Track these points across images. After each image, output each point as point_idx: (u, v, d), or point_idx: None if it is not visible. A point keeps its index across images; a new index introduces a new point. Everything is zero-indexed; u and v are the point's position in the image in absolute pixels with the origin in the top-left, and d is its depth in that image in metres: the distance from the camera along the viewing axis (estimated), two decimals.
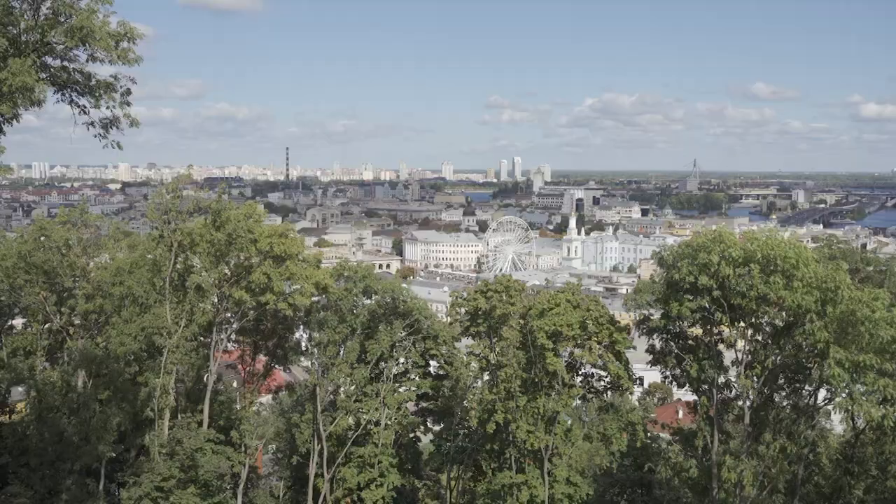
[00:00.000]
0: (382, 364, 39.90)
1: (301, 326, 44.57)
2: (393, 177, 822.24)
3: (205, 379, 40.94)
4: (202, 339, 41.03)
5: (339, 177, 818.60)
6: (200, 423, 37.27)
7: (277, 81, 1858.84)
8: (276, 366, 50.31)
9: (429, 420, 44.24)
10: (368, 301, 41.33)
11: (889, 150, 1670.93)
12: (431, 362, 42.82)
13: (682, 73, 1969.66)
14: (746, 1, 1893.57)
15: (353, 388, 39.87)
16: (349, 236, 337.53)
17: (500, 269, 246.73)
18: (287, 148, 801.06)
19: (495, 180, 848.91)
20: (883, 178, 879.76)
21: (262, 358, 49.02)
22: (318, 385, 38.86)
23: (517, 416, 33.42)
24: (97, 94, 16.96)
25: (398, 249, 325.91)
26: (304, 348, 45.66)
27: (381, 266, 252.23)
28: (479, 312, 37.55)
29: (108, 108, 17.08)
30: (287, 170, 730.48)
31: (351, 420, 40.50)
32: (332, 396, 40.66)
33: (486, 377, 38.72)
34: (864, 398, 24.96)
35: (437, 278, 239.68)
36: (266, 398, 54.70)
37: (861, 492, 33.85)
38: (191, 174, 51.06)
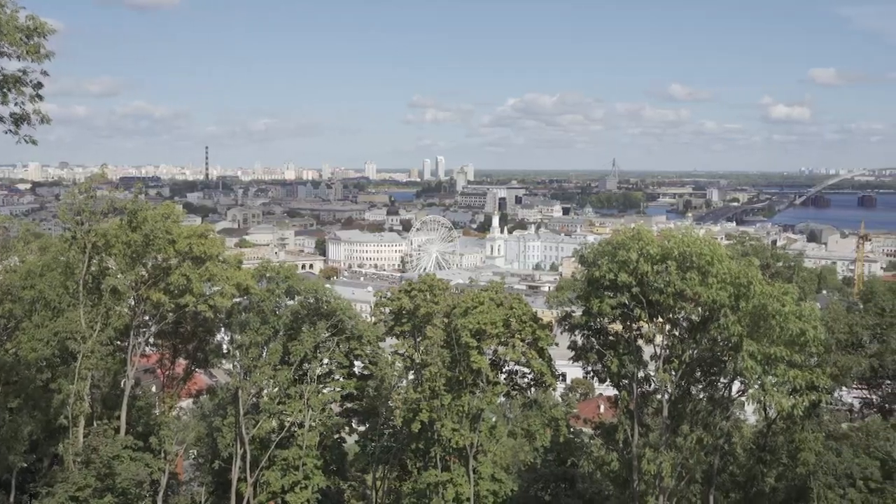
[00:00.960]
0: (306, 365, 39.47)
1: (222, 328, 43.73)
2: (315, 176, 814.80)
3: (122, 384, 39.79)
4: (119, 343, 39.86)
5: (260, 176, 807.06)
6: (117, 430, 36.24)
7: (196, 79, 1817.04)
8: (197, 369, 49.27)
9: (354, 420, 43.97)
10: (291, 302, 40.80)
11: (797, 151, 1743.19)
12: (356, 362, 42.55)
13: (602, 73, 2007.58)
14: (662, 3, 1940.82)
15: (276, 390, 39.33)
16: (271, 236, 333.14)
17: (425, 269, 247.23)
18: (206, 147, 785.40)
19: (419, 180, 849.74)
20: (791, 178, 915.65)
21: (181, 361, 47.88)
22: (240, 388, 38.22)
23: (442, 414, 33.53)
24: (5, 90, 16.32)
25: (321, 249, 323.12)
26: (225, 351, 44.84)
27: (303, 266, 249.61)
28: (404, 312, 37.58)
29: (16, 104, 16.47)
30: (207, 169, 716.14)
31: (274, 423, 39.93)
32: (254, 399, 40.01)
33: (410, 376, 38.76)
34: (775, 389, 25.90)
35: (361, 278, 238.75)
36: (186, 402, 53.49)
37: (773, 479, 35.19)
38: (105, 173, 49.41)
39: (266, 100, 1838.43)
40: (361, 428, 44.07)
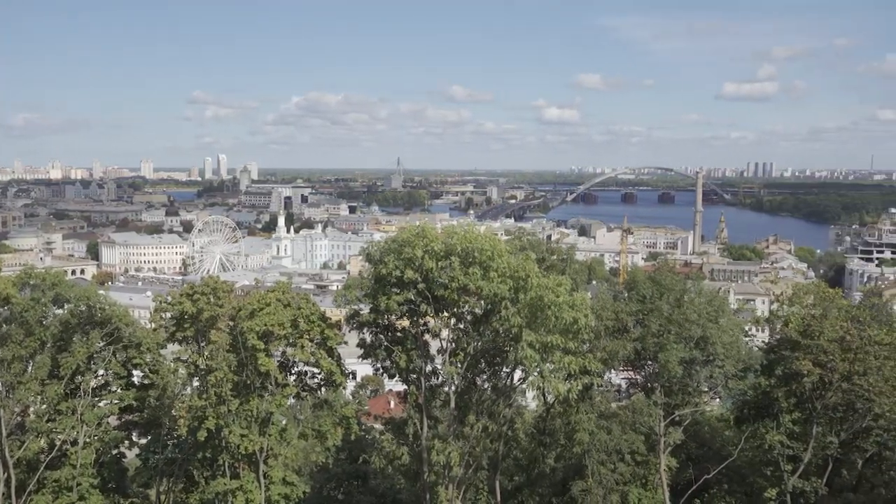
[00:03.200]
0: (79, 378, 36.88)
1: None
2: (85, 175, 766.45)
3: None
4: None
5: (21, 175, 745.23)
6: None
7: None
8: None
9: (134, 433, 41.60)
10: (60, 311, 37.98)
11: (568, 150, 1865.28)
12: (135, 372, 40.33)
13: (386, 73, 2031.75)
14: (440, 6, 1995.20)
15: (44, 406, 36.43)
16: (35, 241, 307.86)
17: (208, 271, 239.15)
18: None
19: (200, 179, 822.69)
20: (563, 176, 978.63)
21: None
22: (1, 407, 35.05)
23: (229, 420, 32.59)
24: None
25: (94, 253, 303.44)
26: None
27: (74, 272, 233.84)
28: (186, 316, 35.96)
29: None
30: None
31: (43, 442, 37.01)
32: (19, 418, 36.88)
33: (195, 383, 37.27)
34: (552, 375, 27.56)
35: (139, 283, 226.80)
36: None
37: (552, 460, 37.34)
38: None
39: (26, 92, 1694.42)
40: (143, 440, 41.86)
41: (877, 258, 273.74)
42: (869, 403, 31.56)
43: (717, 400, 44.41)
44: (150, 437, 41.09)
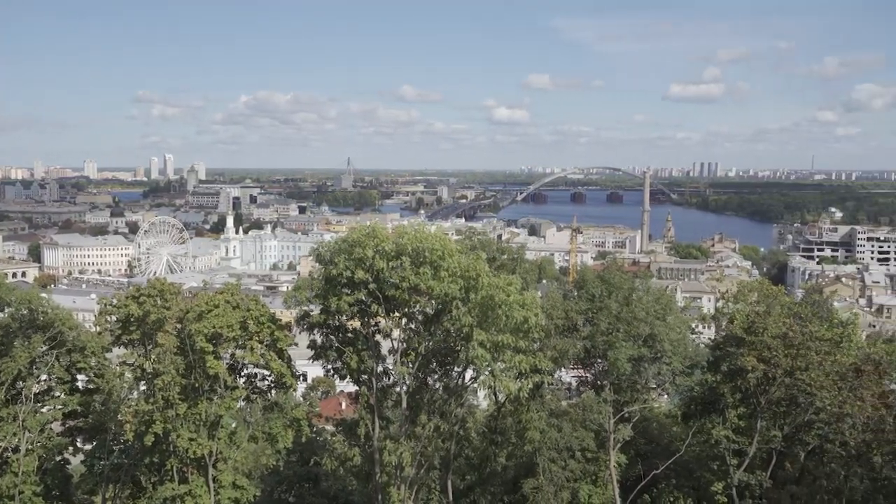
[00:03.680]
0: (20, 383, 36.02)
1: None
2: (27, 175, 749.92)
3: None
4: None
5: None
6: None
7: None
8: None
9: (79, 439, 40.80)
10: (0, 315, 37.08)
11: (518, 150, 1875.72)
12: (79, 376, 39.52)
13: (336, 73, 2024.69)
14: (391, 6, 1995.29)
15: None
16: None
17: (155, 273, 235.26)
18: None
19: (146, 179, 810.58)
20: (513, 175, 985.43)
21: None
22: None
23: (177, 424, 32.12)
24: None
25: (35, 255, 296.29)
26: None
27: (14, 275, 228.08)
28: (132, 319, 35.34)
29: None
30: None
31: None
32: None
33: (142, 387, 36.67)
34: (503, 374, 27.70)
35: (84, 285, 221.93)
36: None
37: (504, 458, 37.52)
38: None
39: None
40: (88, 446, 41.05)
41: (817, 256, 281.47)
42: (811, 397, 32.31)
43: (665, 396, 45.11)
44: (95, 443, 40.35)
